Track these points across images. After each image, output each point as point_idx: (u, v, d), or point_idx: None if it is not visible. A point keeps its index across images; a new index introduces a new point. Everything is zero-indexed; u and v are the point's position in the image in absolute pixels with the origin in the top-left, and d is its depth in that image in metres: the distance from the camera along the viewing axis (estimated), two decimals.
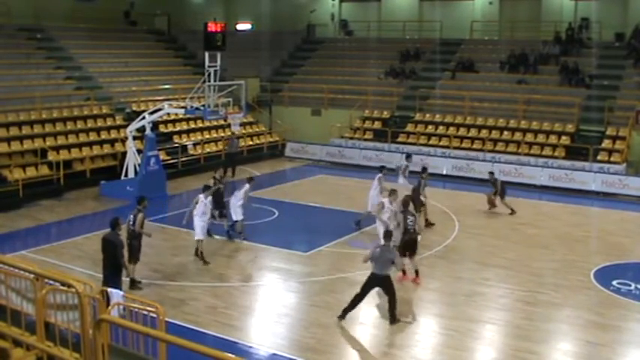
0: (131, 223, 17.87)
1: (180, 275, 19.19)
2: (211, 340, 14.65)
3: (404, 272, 18.97)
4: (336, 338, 15.25)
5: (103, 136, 32.65)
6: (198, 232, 20.40)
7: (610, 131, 34.47)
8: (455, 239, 23.19)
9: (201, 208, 20.44)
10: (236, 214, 22.58)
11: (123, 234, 16.86)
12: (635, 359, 15.05)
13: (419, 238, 19.36)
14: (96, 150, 31.54)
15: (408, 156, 27.78)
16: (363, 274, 19.00)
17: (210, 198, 21.00)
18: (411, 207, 19.77)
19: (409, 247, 18.97)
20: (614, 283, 18.89)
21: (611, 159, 32.83)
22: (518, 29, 43.37)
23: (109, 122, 33.69)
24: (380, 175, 24.50)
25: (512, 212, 26.36)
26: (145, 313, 10.27)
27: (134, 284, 17.63)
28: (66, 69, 36.43)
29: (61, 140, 30.90)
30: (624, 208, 28.50)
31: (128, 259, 17.32)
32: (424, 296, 18.40)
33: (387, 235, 16.64)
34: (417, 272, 19.00)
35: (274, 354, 14.49)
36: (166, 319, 10.03)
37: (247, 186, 22.87)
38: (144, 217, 18.14)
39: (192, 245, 20.80)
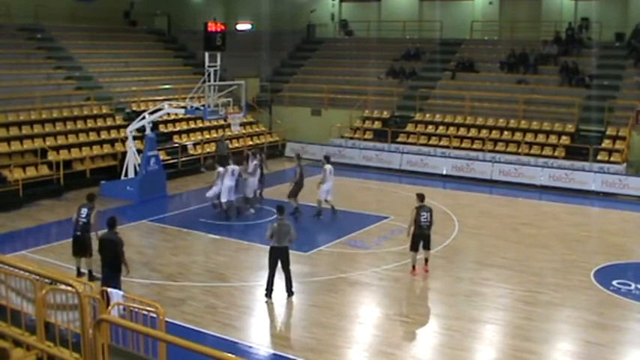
0: (83, 216, 18.04)
1: (181, 275, 19.19)
2: (211, 340, 14.65)
3: (413, 267, 19.32)
4: (336, 338, 15.25)
5: (103, 136, 32.65)
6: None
7: (610, 131, 34.48)
8: (455, 239, 23.19)
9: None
10: (225, 195, 24.89)
11: (122, 234, 16.82)
12: (635, 359, 15.05)
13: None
14: (96, 150, 31.54)
15: None
16: (362, 273, 19.07)
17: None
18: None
19: (420, 241, 19.30)
20: (614, 283, 18.89)
21: (611, 159, 32.83)
22: (518, 29, 43.38)
23: (109, 122, 33.69)
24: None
25: None
26: (145, 313, 10.27)
27: (92, 276, 17.71)
28: (66, 69, 36.42)
29: (61, 140, 30.90)
30: (624, 208, 28.51)
31: (80, 253, 18.05)
32: (424, 296, 18.41)
33: (280, 209, 17.75)
34: (426, 261, 19.57)
35: (274, 354, 14.50)
36: (166, 319, 10.02)
37: (237, 168, 25.46)
38: (97, 213, 18.32)
39: (193, 245, 20.79)
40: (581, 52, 39.97)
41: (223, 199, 24.96)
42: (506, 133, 36.36)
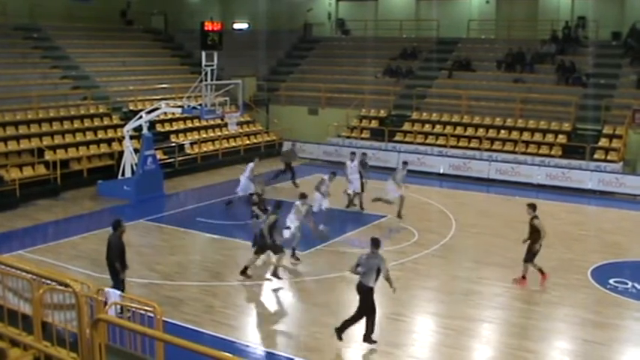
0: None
1: (178, 274, 19.18)
2: (209, 340, 14.64)
3: (524, 277, 18.74)
4: (333, 337, 15.23)
5: (100, 135, 32.61)
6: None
7: (607, 130, 34.50)
8: (452, 238, 23.20)
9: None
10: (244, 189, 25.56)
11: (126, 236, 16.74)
12: (632, 357, 15.08)
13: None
14: (93, 149, 31.49)
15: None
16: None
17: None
18: None
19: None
20: (611, 281, 18.92)
21: (608, 157, 32.85)
22: (515, 28, 43.39)
23: (106, 121, 33.65)
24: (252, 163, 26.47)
25: None
26: (143, 312, 10.26)
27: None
28: (62, 68, 36.39)
29: (57, 140, 30.85)
30: (621, 207, 28.53)
31: None
32: (421, 295, 18.41)
33: (375, 242, 15.12)
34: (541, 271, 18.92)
35: (271, 353, 14.50)
36: (164, 318, 10.01)
37: (252, 164, 26.17)
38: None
39: (190, 244, 20.75)
40: (578, 51, 39.98)
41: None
42: (503, 131, 36.37)
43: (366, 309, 14.64)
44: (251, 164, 26.44)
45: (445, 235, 23.32)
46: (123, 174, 29.06)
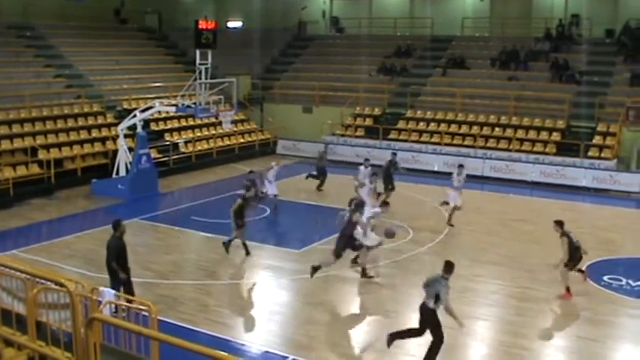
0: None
1: (173, 274, 19.17)
2: (204, 338, 14.64)
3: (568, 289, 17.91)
4: (328, 335, 15.25)
5: (94, 134, 32.57)
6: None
7: (601, 127, 34.57)
8: (447, 235, 23.23)
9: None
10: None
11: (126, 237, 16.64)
12: (626, 354, 15.10)
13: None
14: (87, 148, 31.45)
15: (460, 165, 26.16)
16: (355, 271, 19.00)
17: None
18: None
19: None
20: (605, 278, 18.96)
21: (602, 155, 32.92)
22: (509, 26, 43.40)
23: (100, 120, 33.62)
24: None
25: None
26: (137, 311, 10.25)
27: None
28: (56, 67, 36.31)
29: (51, 139, 30.79)
30: (615, 204, 28.59)
31: None
32: (416, 293, 18.37)
33: (449, 266, 14.00)
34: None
35: (267, 351, 14.49)
36: (159, 317, 10.00)
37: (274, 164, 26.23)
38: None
39: (185, 243, 20.73)
40: (572, 49, 40.03)
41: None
42: (497, 129, 36.40)
43: (434, 332, 13.71)
44: (273, 164, 26.39)
45: (440, 233, 23.34)
46: (117, 173, 29.03)
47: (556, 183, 31.36)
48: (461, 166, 25.55)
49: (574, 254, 17.69)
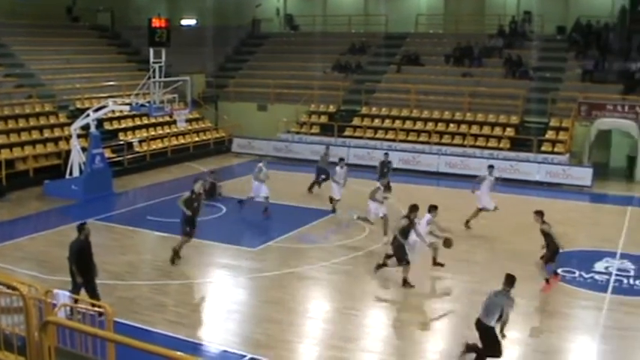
0: None
1: (129, 274, 18.98)
2: (161, 339, 14.51)
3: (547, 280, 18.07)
4: (286, 333, 15.23)
5: (47, 134, 32.10)
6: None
7: (553, 122, 35.06)
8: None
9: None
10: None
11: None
12: (580, 345, 15.32)
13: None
14: (39, 149, 30.99)
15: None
16: (312, 268, 19.04)
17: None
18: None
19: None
20: (559, 271, 19.18)
21: (555, 150, 33.39)
22: (463, 23, 43.79)
23: (52, 120, 33.15)
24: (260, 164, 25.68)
25: None
26: (93, 313, 10.14)
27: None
28: (6, 66, 35.71)
29: (2, 139, 30.24)
30: (568, 198, 29.00)
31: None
32: (374, 289, 18.47)
33: (510, 280, 13.43)
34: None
35: (225, 351, 14.43)
36: (115, 319, 9.91)
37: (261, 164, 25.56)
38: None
39: (140, 243, 20.56)
40: (524, 45, 40.52)
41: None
42: (451, 125, 36.69)
43: (492, 351, 13.28)
44: (260, 165, 25.63)
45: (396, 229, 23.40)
46: (70, 173, 28.65)
47: (510, 178, 31.66)
48: (491, 166, 25.34)
49: (551, 246, 17.96)
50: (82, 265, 15.29)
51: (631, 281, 18.77)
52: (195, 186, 19.93)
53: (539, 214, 18.35)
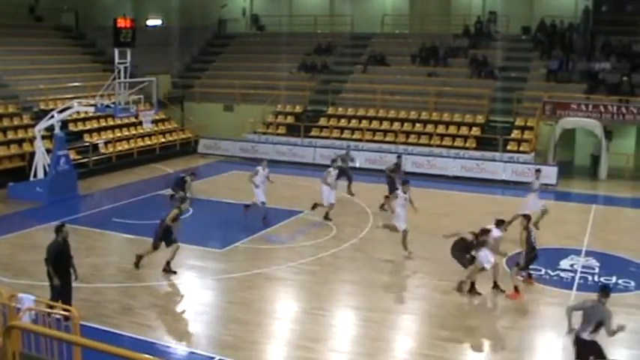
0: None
1: (94, 277, 18.79)
2: (128, 342, 14.39)
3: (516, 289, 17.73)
4: (254, 334, 15.19)
5: (10, 136, 31.71)
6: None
7: (519, 122, 35.38)
8: (370, 231, 23.38)
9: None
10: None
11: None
12: (548, 341, 15.43)
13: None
14: (2, 151, 30.62)
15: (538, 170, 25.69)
16: (279, 269, 19.00)
17: None
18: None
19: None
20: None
21: (520, 149, 33.67)
22: (429, 23, 44.03)
23: (16, 122, 32.75)
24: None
25: None
26: (59, 317, 10.03)
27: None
28: None
29: None
30: None
31: None
32: (341, 288, 18.50)
33: (605, 290, 12.66)
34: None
35: (192, 352, 14.36)
36: (81, 322, 9.82)
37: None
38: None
39: (106, 245, 20.40)
40: (490, 45, 40.82)
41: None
42: (418, 125, 36.85)
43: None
44: (259, 168, 24.74)
45: (363, 229, 23.49)
46: (35, 175, 28.34)
47: (476, 177, 31.93)
48: (538, 170, 25.28)
49: (529, 252, 17.84)
50: (60, 268, 15.07)
51: (596, 278, 18.98)
52: (182, 206, 19.70)
53: (527, 218, 18.23)
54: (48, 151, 28.40)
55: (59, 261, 15.16)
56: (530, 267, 18.75)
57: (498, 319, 16.34)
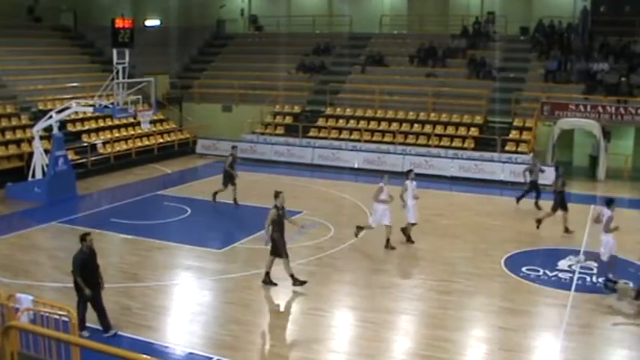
0: None
1: None
2: (126, 342, 14.39)
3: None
4: (252, 335, 15.21)
5: (8, 136, 31.70)
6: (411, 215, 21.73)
7: (517, 122, 35.40)
8: (368, 232, 23.32)
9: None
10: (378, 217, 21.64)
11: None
12: (544, 342, 15.43)
13: None
14: (1, 151, 30.60)
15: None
16: (277, 269, 18.96)
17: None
18: None
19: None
20: (524, 269, 19.39)
21: (519, 149, 33.67)
22: (427, 23, 44.09)
23: (15, 122, 32.73)
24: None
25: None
26: (57, 317, 10.04)
27: None
28: None
29: None
30: (532, 197, 29.14)
31: None
32: (339, 289, 18.50)
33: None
34: None
35: (191, 353, 14.36)
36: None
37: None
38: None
39: (105, 245, 20.42)
40: (488, 46, 40.85)
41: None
42: (416, 125, 36.85)
43: None
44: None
45: (361, 229, 23.47)
46: (33, 176, 28.33)
47: (474, 177, 31.95)
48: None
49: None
50: (89, 278, 14.83)
51: (594, 279, 18.98)
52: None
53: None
54: (46, 151, 28.40)
55: (86, 271, 14.83)
56: (528, 267, 18.81)
57: (496, 320, 16.33)
